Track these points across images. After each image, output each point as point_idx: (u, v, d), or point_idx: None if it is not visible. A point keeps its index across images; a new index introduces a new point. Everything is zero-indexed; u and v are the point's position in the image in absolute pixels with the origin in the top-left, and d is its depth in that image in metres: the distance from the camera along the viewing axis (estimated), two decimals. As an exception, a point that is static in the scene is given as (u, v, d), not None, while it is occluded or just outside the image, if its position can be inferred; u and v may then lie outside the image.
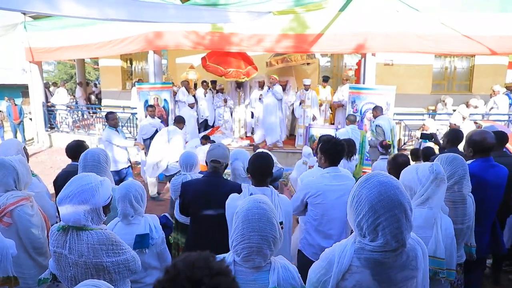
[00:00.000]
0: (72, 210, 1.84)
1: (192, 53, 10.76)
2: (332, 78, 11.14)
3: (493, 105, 9.10)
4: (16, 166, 2.64)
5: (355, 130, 6.23)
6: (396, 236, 1.34)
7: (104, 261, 1.86)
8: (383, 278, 1.40)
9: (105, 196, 1.95)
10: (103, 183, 1.96)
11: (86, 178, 1.92)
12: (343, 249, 1.44)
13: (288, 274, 1.54)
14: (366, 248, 1.39)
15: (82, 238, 1.85)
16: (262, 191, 2.41)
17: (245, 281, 1.50)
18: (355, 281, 1.41)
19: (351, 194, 1.46)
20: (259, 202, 1.57)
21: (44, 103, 11.58)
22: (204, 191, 2.79)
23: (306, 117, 8.98)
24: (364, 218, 1.37)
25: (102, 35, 9.38)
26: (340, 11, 7.46)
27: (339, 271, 1.41)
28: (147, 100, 8.76)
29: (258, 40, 7.99)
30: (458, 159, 2.49)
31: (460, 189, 2.48)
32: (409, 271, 1.43)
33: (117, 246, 1.92)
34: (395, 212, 1.34)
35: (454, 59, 10.82)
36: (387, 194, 1.35)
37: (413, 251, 1.46)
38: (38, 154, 10.63)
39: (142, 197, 2.48)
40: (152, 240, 2.42)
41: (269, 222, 1.51)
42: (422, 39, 7.30)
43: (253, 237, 1.48)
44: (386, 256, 1.37)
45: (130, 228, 2.41)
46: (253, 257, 1.49)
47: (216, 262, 1.02)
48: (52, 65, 32.77)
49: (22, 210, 2.57)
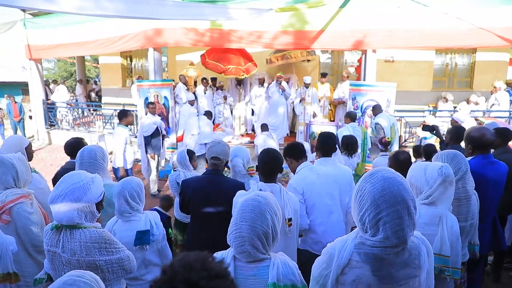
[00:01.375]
0: (64, 209, 1.82)
1: (192, 50, 10.73)
2: (332, 75, 11.12)
3: (494, 102, 9.08)
4: (16, 163, 2.62)
5: (356, 128, 6.19)
6: (397, 232, 1.33)
7: (97, 259, 1.84)
8: (384, 274, 1.38)
9: (97, 193, 1.93)
10: (94, 180, 1.94)
11: (77, 176, 1.90)
12: (344, 244, 1.44)
13: (288, 270, 1.53)
14: (366, 243, 1.38)
15: (75, 236, 1.83)
16: (270, 188, 2.41)
17: (244, 276, 1.50)
18: (354, 275, 1.40)
19: (356, 188, 1.45)
20: (257, 195, 1.57)
21: (44, 101, 11.58)
22: (204, 189, 2.78)
23: (306, 114, 8.98)
24: (366, 212, 1.37)
25: (102, 32, 9.37)
26: (341, 7, 7.43)
27: (338, 265, 1.40)
28: (147, 97, 8.74)
29: (258, 37, 7.97)
30: (459, 155, 2.47)
31: (464, 186, 2.46)
32: (412, 269, 1.42)
33: (110, 245, 1.90)
34: (397, 208, 1.33)
35: (455, 55, 10.78)
36: (390, 190, 1.34)
37: (416, 249, 1.44)
38: (38, 152, 10.62)
39: (139, 194, 2.46)
40: (153, 237, 2.41)
41: (261, 214, 1.50)
42: (424, 34, 7.27)
43: (243, 226, 1.49)
44: (386, 252, 1.36)
45: (130, 225, 2.40)
46: (246, 248, 1.48)
47: (214, 264, 1.00)
48: (52, 63, 32.73)
49: (21, 208, 2.56)
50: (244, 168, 3.34)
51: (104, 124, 10.76)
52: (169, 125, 8.83)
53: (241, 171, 3.33)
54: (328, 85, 9.53)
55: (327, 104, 9.45)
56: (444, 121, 8.30)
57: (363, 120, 7.69)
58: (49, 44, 10.46)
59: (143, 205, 2.52)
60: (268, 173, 2.51)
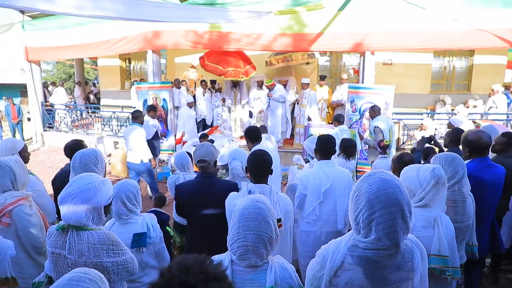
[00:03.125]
0: (73, 209, 1.83)
1: (191, 53, 10.75)
2: (331, 78, 11.14)
3: (492, 105, 9.10)
4: (13, 166, 2.62)
5: (344, 130, 6.23)
6: (389, 234, 1.34)
7: (105, 261, 1.85)
8: (376, 277, 1.39)
9: (107, 196, 1.95)
10: (105, 183, 1.97)
11: (89, 177, 1.93)
12: (337, 246, 1.45)
13: (285, 273, 1.53)
14: (359, 246, 1.39)
15: (83, 237, 1.84)
16: (261, 189, 2.43)
17: (242, 280, 1.50)
18: (347, 278, 1.41)
19: (353, 188, 1.47)
20: (256, 201, 1.56)
21: (42, 103, 11.57)
22: (198, 192, 2.80)
23: (302, 116, 9.00)
24: (360, 212, 1.38)
25: (100, 34, 9.37)
26: (340, 10, 7.46)
27: (331, 268, 1.41)
28: (146, 99, 8.74)
29: (257, 39, 7.98)
30: (457, 159, 2.48)
31: (460, 189, 2.47)
32: (405, 273, 1.42)
33: (117, 247, 1.93)
34: (391, 210, 1.34)
35: (453, 58, 10.81)
36: (385, 191, 1.35)
37: (409, 253, 1.45)
38: (37, 154, 10.61)
39: (136, 196, 2.46)
40: (150, 239, 2.41)
41: (265, 221, 1.51)
42: (423, 36, 7.30)
43: (248, 235, 1.48)
44: (379, 254, 1.36)
45: (127, 227, 2.40)
46: (249, 256, 1.48)
47: (212, 267, 1.00)
48: (51, 65, 32.68)
49: (21, 210, 2.57)
50: (243, 171, 3.34)
51: (103, 126, 10.75)
52: (167, 128, 8.83)
53: (240, 174, 3.32)
54: (327, 87, 9.55)
55: (325, 107, 9.46)
56: (442, 124, 8.33)
57: (362, 123, 7.71)
58: (48, 46, 10.45)
59: (140, 207, 2.51)
60: (257, 174, 2.53)
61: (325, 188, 3.04)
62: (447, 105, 9.57)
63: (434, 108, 10.23)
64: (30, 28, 10.66)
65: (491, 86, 9.28)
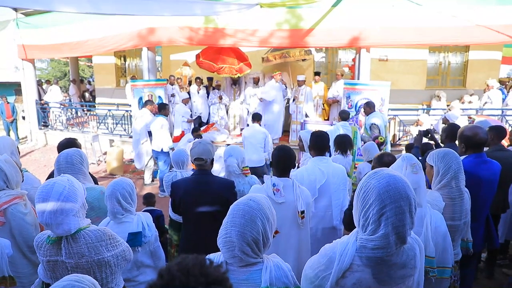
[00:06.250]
0: (61, 222, 1.76)
1: (186, 50, 10.70)
2: (327, 74, 11.13)
3: (487, 100, 9.14)
4: (3, 166, 2.58)
5: (345, 127, 6.21)
6: (397, 228, 1.34)
7: (106, 256, 1.85)
8: (383, 276, 1.40)
9: (80, 187, 1.89)
10: (70, 178, 1.88)
11: (58, 186, 1.79)
12: (345, 247, 1.43)
13: (281, 272, 1.50)
14: (367, 246, 1.38)
15: (79, 240, 1.81)
16: (284, 182, 2.53)
17: (237, 280, 1.47)
18: (355, 279, 1.40)
19: (359, 186, 1.45)
20: (249, 199, 1.53)
21: (37, 101, 11.49)
22: (194, 190, 2.79)
23: (299, 113, 9.00)
24: (370, 207, 1.37)
25: (95, 32, 9.31)
26: (333, 6, 7.45)
27: (339, 269, 1.40)
28: (141, 97, 8.70)
29: (252, 35, 7.95)
30: (450, 153, 2.47)
31: (457, 185, 2.46)
32: (408, 270, 1.44)
33: (114, 240, 1.93)
34: (401, 204, 1.34)
35: (448, 54, 10.84)
36: (395, 185, 1.35)
37: (412, 250, 1.46)
38: (32, 153, 10.55)
39: (130, 194, 2.43)
40: (145, 238, 2.39)
41: (251, 220, 1.46)
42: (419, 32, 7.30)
43: (233, 232, 1.45)
44: (387, 253, 1.36)
45: (122, 227, 2.38)
46: (236, 253, 1.45)
47: (212, 269, 0.98)
48: (46, 63, 32.44)
49: (15, 209, 2.54)
50: (239, 168, 3.33)
51: (98, 124, 10.69)
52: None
53: (236, 171, 3.32)
54: (322, 84, 9.54)
55: (321, 103, 9.47)
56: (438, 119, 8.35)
57: (357, 119, 7.71)
58: (42, 44, 10.37)
59: (135, 205, 2.49)
60: (282, 169, 2.62)
61: (320, 185, 3.04)
62: (442, 100, 9.60)
63: (430, 103, 10.27)
64: (24, 26, 10.57)
65: (487, 81, 9.32)
